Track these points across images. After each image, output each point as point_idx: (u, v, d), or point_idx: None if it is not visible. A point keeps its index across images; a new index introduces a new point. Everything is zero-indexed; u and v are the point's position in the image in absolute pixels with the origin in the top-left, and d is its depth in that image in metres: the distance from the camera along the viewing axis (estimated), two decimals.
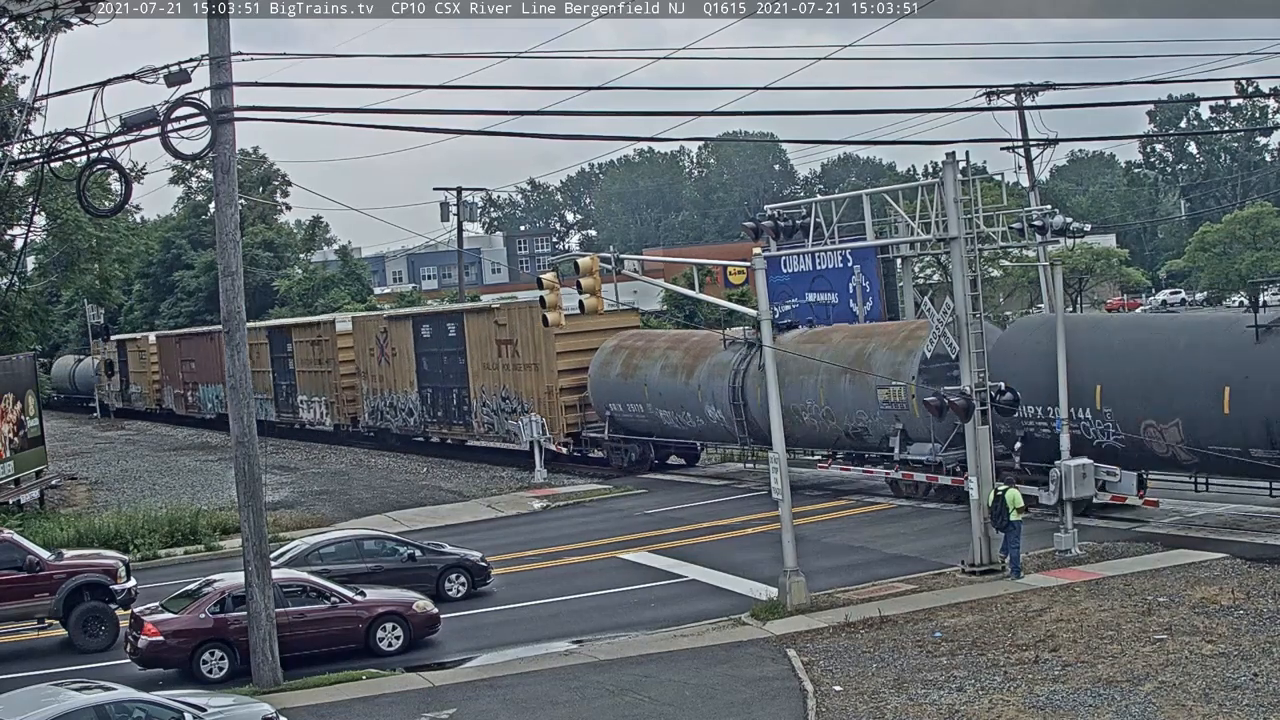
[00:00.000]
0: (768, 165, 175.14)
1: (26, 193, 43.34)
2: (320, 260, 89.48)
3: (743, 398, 37.02)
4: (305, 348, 60.29)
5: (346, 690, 21.24)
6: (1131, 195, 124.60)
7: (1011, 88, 50.41)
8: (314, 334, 60.14)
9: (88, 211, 29.33)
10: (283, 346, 62.29)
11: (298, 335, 61.36)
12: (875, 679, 19.42)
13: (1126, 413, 27.75)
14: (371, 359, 54.78)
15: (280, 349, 62.56)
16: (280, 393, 63.01)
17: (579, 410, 44.12)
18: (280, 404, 63.05)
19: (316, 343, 59.35)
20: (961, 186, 25.49)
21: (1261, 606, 21.26)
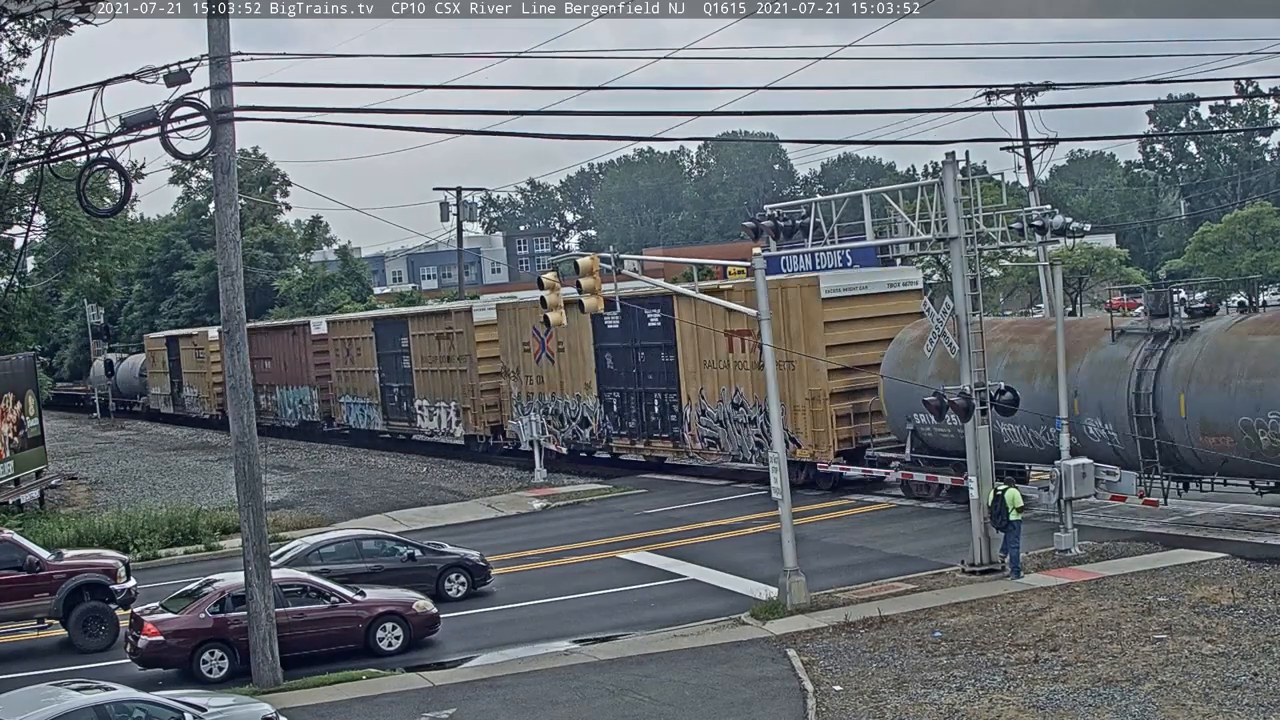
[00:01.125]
0: (768, 165, 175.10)
1: (26, 192, 43.34)
2: (320, 260, 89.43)
3: (1152, 408, 27.37)
4: (428, 342, 50.70)
5: (346, 690, 21.25)
6: (1131, 195, 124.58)
7: (1011, 88, 50.42)
8: (441, 325, 50.55)
9: (87, 211, 29.33)
10: (394, 341, 53.43)
11: (418, 327, 51.85)
12: (875, 679, 19.42)
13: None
14: (525, 355, 45.74)
15: (391, 343, 53.71)
16: (390, 397, 54.09)
17: (852, 421, 34.68)
18: (390, 410, 54.32)
19: (444, 336, 49.77)
20: (961, 186, 25.49)
21: (1261, 606, 21.26)
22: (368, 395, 55.12)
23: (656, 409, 40.37)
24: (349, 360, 56.78)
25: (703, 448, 38.75)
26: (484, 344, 47.78)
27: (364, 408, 55.67)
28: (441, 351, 49.94)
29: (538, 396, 45.27)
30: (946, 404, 25.43)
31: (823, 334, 34.38)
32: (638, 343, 40.31)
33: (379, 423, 55.09)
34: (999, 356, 30.00)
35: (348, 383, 57.24)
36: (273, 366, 63.82)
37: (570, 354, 43.68)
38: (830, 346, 34.34)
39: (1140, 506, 28.62)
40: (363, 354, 55.56)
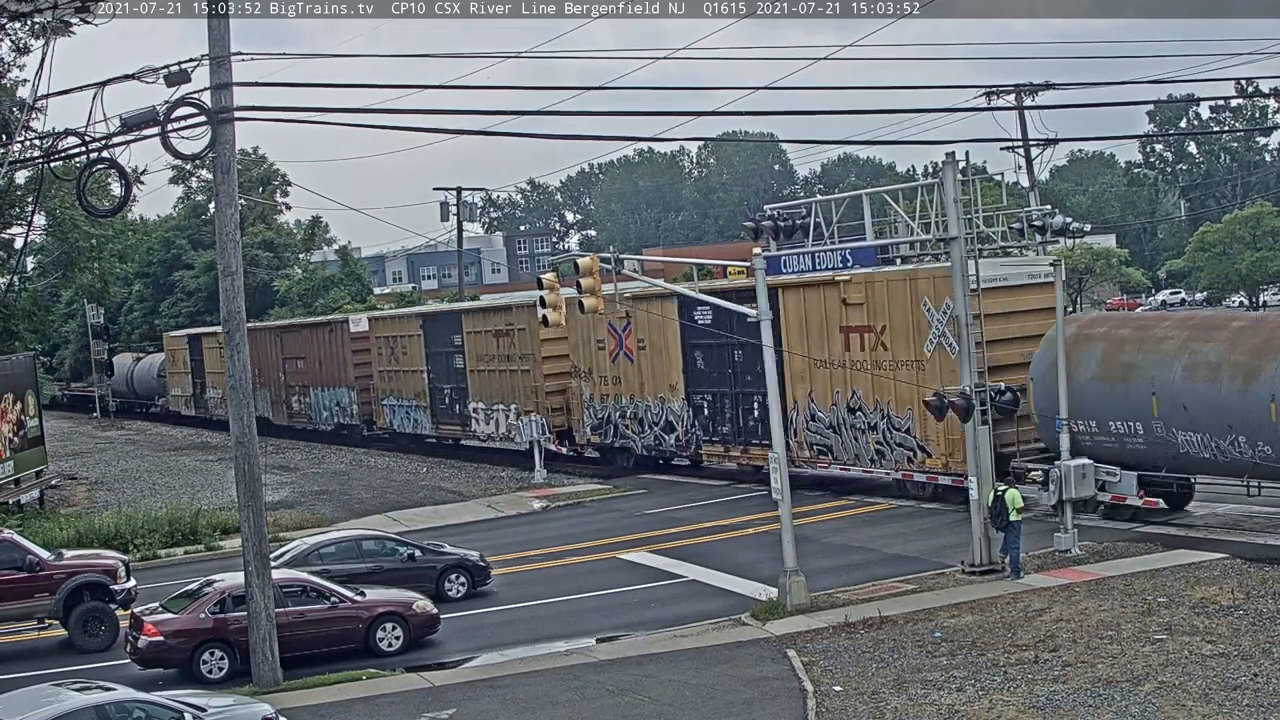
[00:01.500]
0: (768, 165, 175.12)
1: (26, 192, 43.35)
2: (320, 260, 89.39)
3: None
4: (485, 340, 47.22)
5: (346, 690, 21.25)
6: (1131, 195, 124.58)
7: (1011, 88, 50.50)
8: (500, 321, 46.95)
9: (88, 211, 29.32)
10: (445, 339, 50.15)
11: (474, 323, 48.19)
12: (875, 679, 19.42)
13: None
14: (600, 354, 42.51)
15: (442, 341, 50.41)
16: (440, 398, 50.78)
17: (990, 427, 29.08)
18: (440, 413, 50.96)
19: (504, 333, 46.28)
20: (961, 186, 25.50)
21: (1261, 606, 21.26)
22: (414, 397, 51.64)
23: (756, 413, 36.57)
24: (393, 360, 53.51)
25: (811, 455, 35.22)
26: (550, 341, 43.72)
27: (410, 410, 52.18)
28: (500, 350, 46.46)
29: (613, 399, 42.02)
30: (946, 404, 25.43)
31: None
32: (735, 340, 35.88)
33: (427, 426, 51.61)
34: (1175, 356, 27.12)
35: (391, 384, 53.93)
36: (306, 366, 60.47)
37: (653, 352, 40.25)
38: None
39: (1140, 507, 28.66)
40: (409, 353, 52.07)
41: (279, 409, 62.88)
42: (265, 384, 63.60)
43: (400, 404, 53.31)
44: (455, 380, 49.45)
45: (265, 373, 63.25)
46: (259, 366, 61.12)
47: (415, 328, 52.01)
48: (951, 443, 30.65)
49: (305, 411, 61.06)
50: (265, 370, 63.14)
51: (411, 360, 51.95)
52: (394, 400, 53.83)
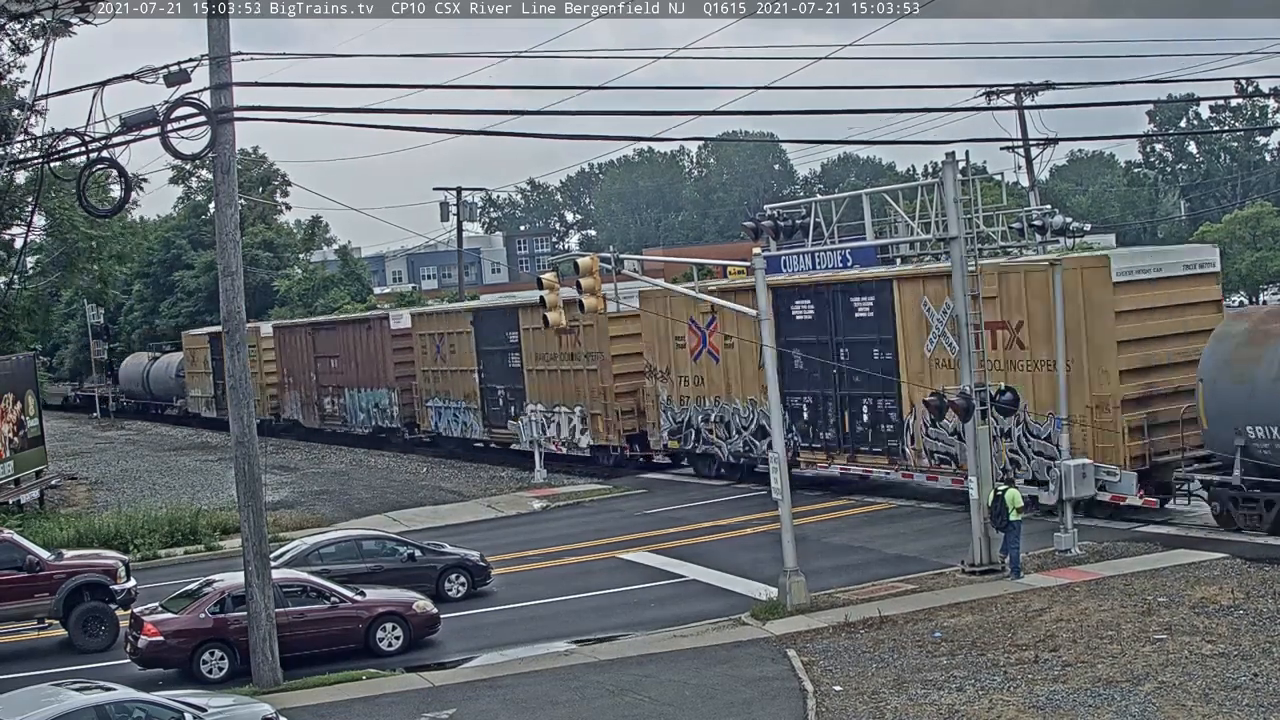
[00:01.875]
0: (768, 165, 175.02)
1: (26, 193, 43.37)
2: (320, 260, 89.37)
3: None
4: (545, 337, 42.57)
5: (346, 690, 21.26)
6: (1131, 195, 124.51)
7: (1011, 88, 50.50)
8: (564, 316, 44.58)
9: (88, 211, 29.34)
10: (500, 335, 46.59)
11: (533, 319, 42.10)
12: (875, 679, 19.42)
13: None
14: (679, 352, 39.36)
15: (495, 338, 46.82)
16: (493, 400, 47.45)
17: (1145, 434, 28.11)
18: (492, 415, 47.74)
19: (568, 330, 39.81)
20: (961, 186, 25.50)
21: (1261, 606, 21.26)
22: (464, 398, 48.26)
23: (866, 417, 33.41)
24: (439, 358, 50.11)
25: (931, 464, 31.65)
26: (621, 339, 40.76)
27: (458, 413, 48.78)
28: (564, 348, 42.84)
29: (695, 401, 38.72)
30: (946, 404, 25.43)
31: (1113, 327, 28.01)
32: (840, 336, 33.25)
33: (477, 430, 48.41)
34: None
35: (437, 384, 50.54)
36: (341, 366, 56.85)
37: (742, 350, 36.34)
38: (1122, 342, 28.09)
39: (1140, 507, 28.67)
40: (458, 351, 48.65)
41: (310, 411, 60.04)
42: (295, 385, 61.01)
43: (447, 406, 50.13)
44: (511, 380, 46.27)
45: (295, 373, 60.93)
46: (288, 367, 61.30)
47: (465, 324, 48.58)
48: (1103, 451, 27.78)
49: (339, 414, 57.70)
50: (295, 370, 60.86)
51: (461, 359, 48.74)
52: (440, 402, 50.48)
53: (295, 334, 61.25)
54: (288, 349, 61.75)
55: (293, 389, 61.42)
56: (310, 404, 60.04)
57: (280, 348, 62.45)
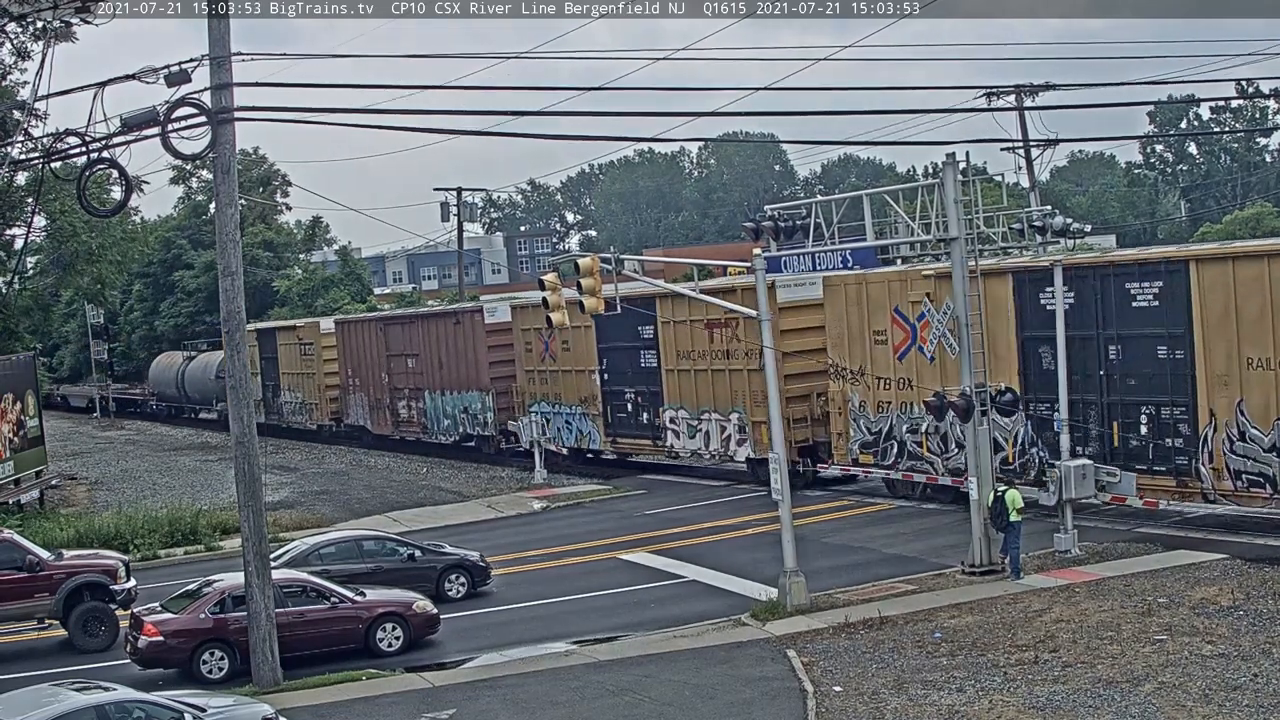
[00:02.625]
0: (768, 165, 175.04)
1: (26, 193, 43.38)
2: (320, 260, 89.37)
3: None
4: (689, 331, 37.97)
5: (346, 690, 21.26)
6: (1131, 196, 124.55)
7: (1011, 88, 50.53)
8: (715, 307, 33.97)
9: (88, 212, 29.35)
10: (629, 330, 39.69)
11: (675, 310, 38.06)
12: (875, 679, 19.42)
13: None
14: (878, 349, 32.79)
15: (625, 333, 39.86)
16: (619, 405, 41.51)
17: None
18: (618, 423, 41.72)
19: (724, 323, 36.55)
20: (961, 187, 25.50)
21: (1261, 607, 21.26)
22: (580, 403, 42.61)
23: (1144, 429, 27.70)
24: (548, 357, 44.26)
25: (1239, 487, 26.17)
26: (795, 333, 34.69)
27: (571, 419, 43.04)
28: (716, 345, 37.22)
29: (898, 406, 32.52)
30: (946, 404, 25.43)
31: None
32: (1110, 331, 28.11)
33: (596, 439, 42.54)
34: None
35: (545, 386, 44.41)
36: (420, 366, 50.80)
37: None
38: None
39: (1140, 507, 28.66)
40: (574, 348, 42.53)
41: (379, 416, 53.93)
42: (361, 387, 54.91)
43: (557, 411, 44.15)
44: (643, 382, 40.23)
45: (362, 373, 55.01)
46: (352, 367, 55.85)
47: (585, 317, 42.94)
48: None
49: (417, 419, 51.32)
50: (362, 370, 54.93)
51: (577, 357, 42.62)
52: (548, 406, 44.40)
53: (363, 330, 54.96)
54: (353, 347, 55.57)
55: (359, 391, 55.39)
56: (380, 408, 53.85)
57: (344, 345, 56.32)
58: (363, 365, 54.86)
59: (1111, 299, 28.24)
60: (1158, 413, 27.64)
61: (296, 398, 60.44)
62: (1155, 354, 27.53)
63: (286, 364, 61.11)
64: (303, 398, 59.98)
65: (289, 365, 60.82)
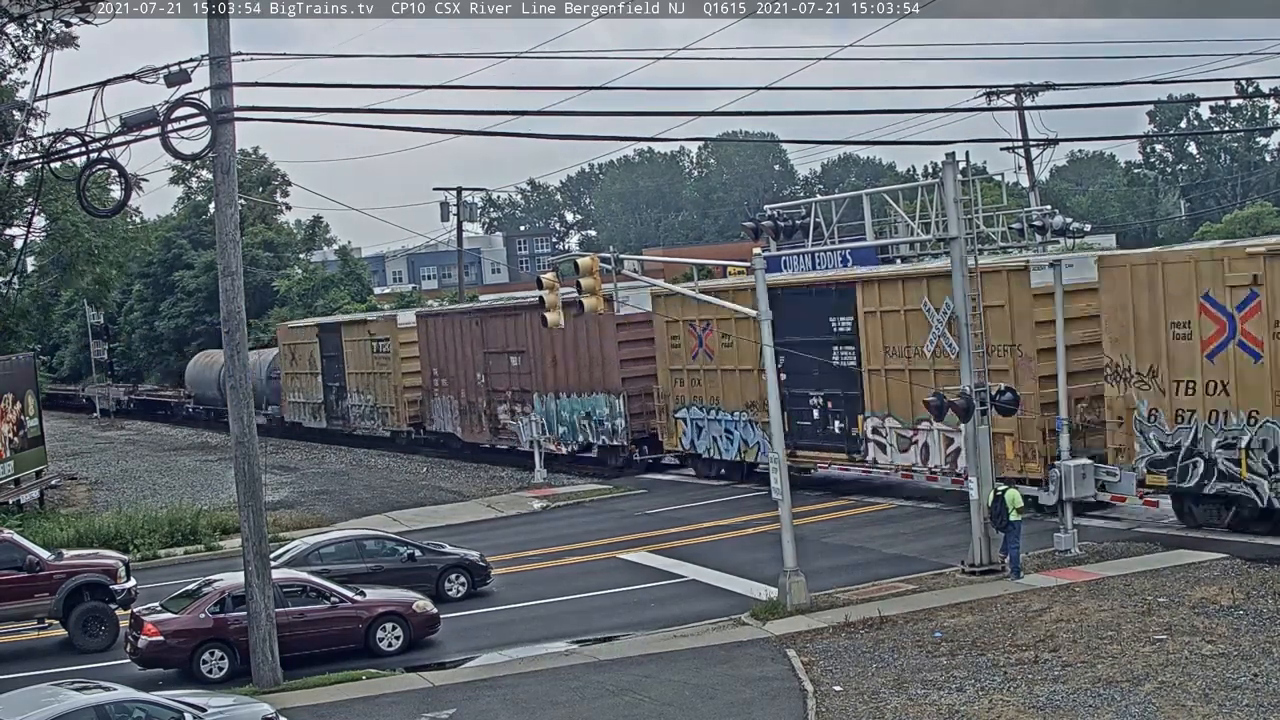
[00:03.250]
0: (768, 165, 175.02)
1: (26, 193, 43.39)
2: (320, 260, 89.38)
3: None
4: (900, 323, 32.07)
5: (346, 690, 21.26)
6: (1131, 195, 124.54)
7: (1011, 88, 50.54)
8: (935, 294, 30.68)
9: (88, 212, 29.36)
10: (817, 320, 33.90)
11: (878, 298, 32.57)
12: (875, 679, 19.42)
13: None
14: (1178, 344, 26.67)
15: (808, 325, 33.86)
16: (803, 411, 34.67)
17: None
18: (803, 431, 34.76)
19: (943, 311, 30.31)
20: (961, 187, 25.49)
21: (1261, 606, 21.26)
22: (745, 408, 36.53)
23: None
24: (702, 353, 38.35)
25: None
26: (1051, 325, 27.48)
27: (734, 426, 37.07)
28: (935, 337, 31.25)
29: (1206, 417, 26.21)
30: (946, 404, 25.43)
31: None
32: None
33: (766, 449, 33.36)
34: None
35: (698, 388, 38.53)
36: (527, 365, 45.05)
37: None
38: None
39: (1140, 507, 28.67)
40: (739, 343, 35.98)
41: (472, 422, 48.15)
42: (449, 389, 48.91)
43: (715, 418, 38.23)
44: (833, 383, 34.00)
45: (450, 373, 48.79)
46: (438, 366, 49.69)
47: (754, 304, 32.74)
48: None
49: (519, 430, 45.87)
50: (450, 370, 48.76)
51: (743, 354, 36.06)
52: (700, 412, 38.44)
53: (453, 324, 48.97)
54: (439, 343, 49.32)
55: (445, 394, 49.25)
56: (473, 413, 47.87)
57: (427, 342, 50.21)
58: (451, 364, 48.84)
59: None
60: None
61: (366, 401, 54.46)
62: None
63: (354, 363, 55.15)
64: (374, 401, 54.10)
65: (357, 364, 54.91)
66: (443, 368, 49.66)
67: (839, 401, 34.36)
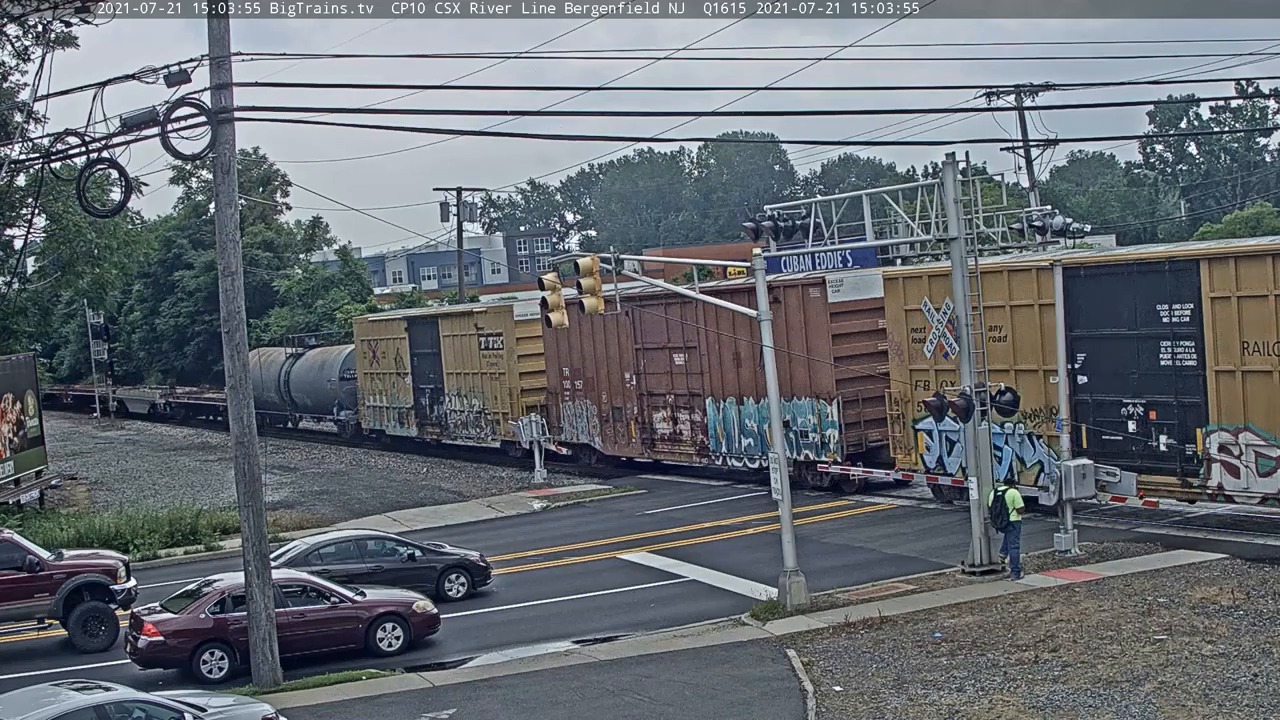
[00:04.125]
0: (768, 165, 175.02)
1: (27, 194, 43.40)
2: (320, 260, 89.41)
3: None
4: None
5: (346, 690, 21.26)
6: (1131, 195, 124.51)
7: (1011, 88, 50.54)
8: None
9: (88, 212, 29.38)
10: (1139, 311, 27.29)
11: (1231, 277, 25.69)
12: (875, 679, 19.42)
13: None
14: None
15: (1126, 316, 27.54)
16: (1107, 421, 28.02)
17: None
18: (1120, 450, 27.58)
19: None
20: (961, 187, 25.50)
21: (1261, 606, 21.26)
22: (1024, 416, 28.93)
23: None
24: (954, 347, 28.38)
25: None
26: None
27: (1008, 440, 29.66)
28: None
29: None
30: (946, 404, 25.42)
31: None
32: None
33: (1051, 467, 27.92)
34: None
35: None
36: (698, 363, 37.89)
37: None
38: None
39: (1140, 507, 28.66)
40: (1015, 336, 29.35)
41: (617, 432, 41.47)
42: (586, 392, 42.39)
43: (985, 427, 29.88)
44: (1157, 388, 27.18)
45: (587, 373, 42.22)
46: (571, 365, 43.02)
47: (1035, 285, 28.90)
48: None
49: (691, 437, 38.63)
50: (588, 369, 42.14)
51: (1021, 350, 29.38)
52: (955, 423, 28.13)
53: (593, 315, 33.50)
54: (572, 338, 41.91)
55: (580, 398, 42.66)
56: (619, 421, 41.07)
57: (555, 336, 42.59)
58: (589, 363, 41.93)
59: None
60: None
61: (471, 406, 47.20)
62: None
63: (454, 361, 48.19)
64: (481, 406, 46.76)
65: (459, 363, 47.92)
66: (577, 367, 42.75)
67: (1168, 411, 27.28)
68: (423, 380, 50.62)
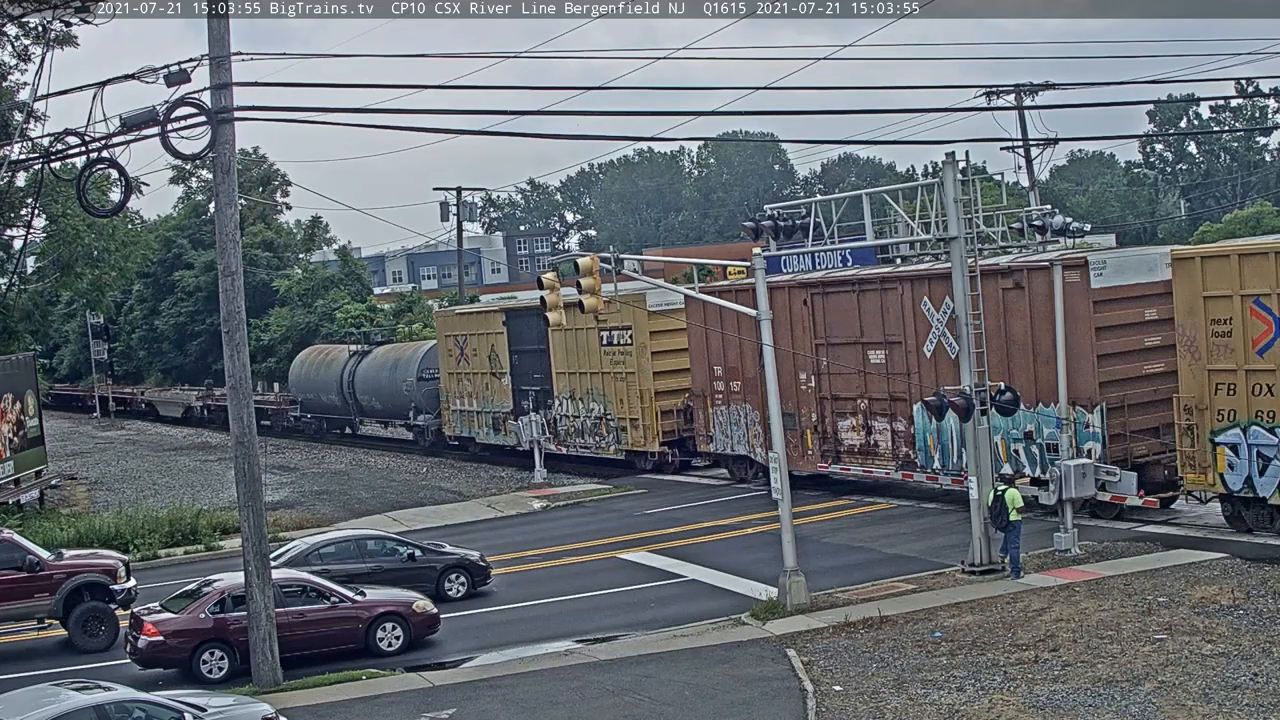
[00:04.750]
0: (768, 165, 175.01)
1: (27, 194, 43.37)
2: (320, 260, 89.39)
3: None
4: None
5: (346, 690, 21.26)
6: (1131, 195, 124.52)
7: (1011, 88, 50.51)
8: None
9: (88, 211, 29.36)
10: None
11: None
12: (875, 679, 19.42)
13: None
14: None
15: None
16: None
17: None
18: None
19: None
20: (961, 186, 25.50)
21: (1261, 606, 21.26)
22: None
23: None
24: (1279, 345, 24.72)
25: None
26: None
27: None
28: None
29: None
30: (946, 404, 25.41)
31: None
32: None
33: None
34: None
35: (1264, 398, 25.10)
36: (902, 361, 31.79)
37: None
38: None
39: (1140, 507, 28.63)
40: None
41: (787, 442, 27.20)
42: (740, 394, 36.82)
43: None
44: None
45: (745, 372, 36.42)
46: (721, 362, 37.58)
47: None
48: None
49: (892, 450, 32.70)
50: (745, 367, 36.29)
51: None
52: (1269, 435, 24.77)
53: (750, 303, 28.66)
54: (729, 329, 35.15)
55: (735, 402, 37.02)
56: (792, 430, 33.25)
57: (705, 329, 37.19)
58: (748, 360, 35.51)
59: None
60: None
61: (589, 411, 42.28)
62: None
63: (566, 360, 42.92)
64: (601, 410, 41.79)
65: (572, 361, 42.72)
66: (733, 366, 36.85)
67: None
68: (523, 381, 45.30)
